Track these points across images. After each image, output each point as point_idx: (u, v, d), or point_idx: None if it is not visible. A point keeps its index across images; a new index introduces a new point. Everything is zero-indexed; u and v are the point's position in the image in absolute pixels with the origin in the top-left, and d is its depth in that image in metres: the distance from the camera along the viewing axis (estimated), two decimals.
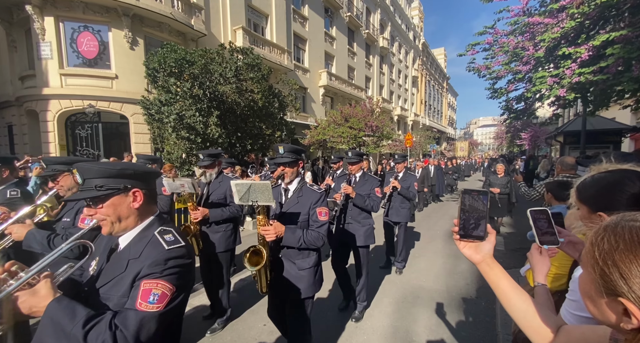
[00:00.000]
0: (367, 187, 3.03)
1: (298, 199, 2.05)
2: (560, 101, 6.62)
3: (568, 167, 3.17)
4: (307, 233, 1.89)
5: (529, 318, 0.77)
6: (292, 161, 2.07)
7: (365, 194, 2.96)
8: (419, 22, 37.40)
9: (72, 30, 8.96)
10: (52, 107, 8.86)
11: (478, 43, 7.04)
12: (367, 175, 3.13)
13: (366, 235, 3.00)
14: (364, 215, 3.03)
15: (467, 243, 0.82)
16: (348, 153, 3.03)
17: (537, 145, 22.71)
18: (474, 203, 0.81)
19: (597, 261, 0.49)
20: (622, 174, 0.93)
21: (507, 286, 0.79)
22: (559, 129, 14.52)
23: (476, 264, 0.83)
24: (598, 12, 5.40)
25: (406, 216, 4.22)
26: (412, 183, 4.16)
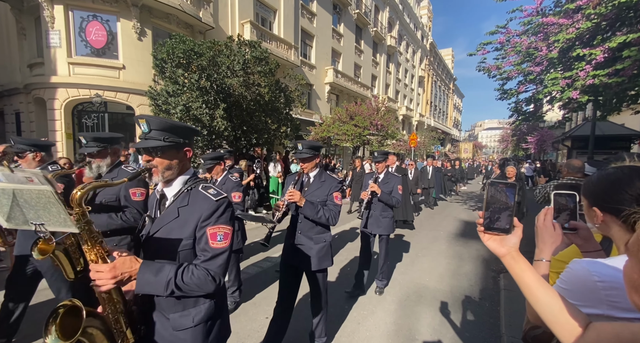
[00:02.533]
0: (323, 191, 2.26)
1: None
2: (571, 104, 6.50)
3: (575, 170, 3.12)
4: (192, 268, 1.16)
5: (555, 313, 0.73)
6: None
7: (320, 200, 2.22)
8: (427, 21, 37.06)
9: (81, 19, 8.96)
10: (60, 95, 8.88)
11: (489, 42, 6.91)
12: (326, 175, 2.33)
13: (320, 255, 2.25)
14: (317, 229, 2.27)
15: (492, 235, 0.80)
16: (298, 145, 2.24)
17: (543, 149, 22.50)
18: (500, 194, 0.79)
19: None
20: (631, 171, 0.89)
21: (533, 280, 0.76)
22: (566, 134, 14.38)
23: (500, 257, 0.80)
24: (615, 13, 5.27)
25: (388, 227, 3.45)
26: (395, 187, 3.38)
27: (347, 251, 5.10)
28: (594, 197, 0.94)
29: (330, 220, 2.17)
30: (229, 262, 1.20)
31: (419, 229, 6.82)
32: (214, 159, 2.96)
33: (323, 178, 2.31)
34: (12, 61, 10.57)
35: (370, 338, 2.68)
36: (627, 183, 0.85)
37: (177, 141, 1.16)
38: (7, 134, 11.14)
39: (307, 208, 2.10)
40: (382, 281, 3.60)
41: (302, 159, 2.24)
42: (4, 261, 4.03)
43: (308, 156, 2.20)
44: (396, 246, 5.43)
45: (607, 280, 0.75)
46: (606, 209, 0.89)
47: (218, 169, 3.00)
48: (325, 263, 2.30)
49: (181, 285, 1.05)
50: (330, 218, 2.17)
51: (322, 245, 2.29)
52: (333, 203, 2.24)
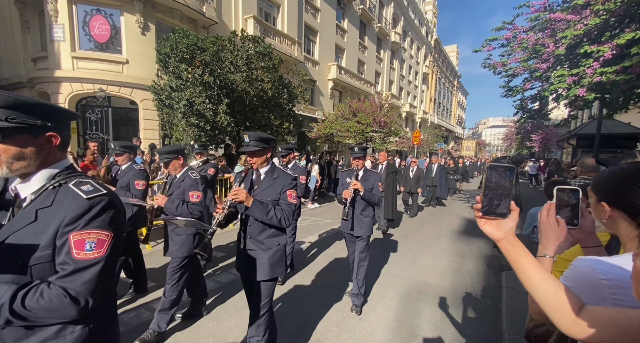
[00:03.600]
0: (275, 189, 2.00)
1: None
2: (578, 102, 6.44)
3: (588, 169, 3.07)
4: None
5: (550, 297, 0.73)
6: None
7: (272, 199, 1.97)
8: (432, 17, 36.64)
9: (85, 13, 8.95)
10: (64, 89, 8.91)
11: (495, 39, 6.84)
12: (279, 171, 2.09)
13: (272, 262, 1.98)
14: (268, 233, 2.01)
15: (488, 220, 0.80)
16: (244, 137, 2.00)
17: (547, 148, 22.32)
18: (499, 179, 0.78)
19: None
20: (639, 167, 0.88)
21: (528, 264, 0.76)
22: (572, 132, 14.25)
23: (497, 241, 0.80)
24: (624, 9, 5.19)
25: (369, 228, 3.14)
26: (375, 184, 3.16)
27: None
28: (603, 192, 0.93)
29: (283, 221, 1.91)
30: (107, 276, 0.93)
31: (421, 226, 6.82)
32: (170, 152, 2.62)
33: (276, 175, 2.06)
34: (16, 54, 10.60)
35: (372, 333, 2.70)
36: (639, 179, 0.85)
37: (30, 122, 0.86)
38: None
39: (255, 209, 1.85)
40: (359, 298, 3.06)
41: (250, 154, 1.98)
42: None
43: (257, 149, 1.95)
44: (398, 243, 5.44)
45: (612, 278, 0.74)
46: (615, 204, 0.88)
47: (176, 164, 2.63)
48: (277, 271, 2.02)
49: (22, 312, 0.79)
50: (282, 219, 1.91)
51: (274, 250, 2.01)
52: (286, 202, 1.99)
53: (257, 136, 1.95)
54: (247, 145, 1.96)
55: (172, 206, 2.46)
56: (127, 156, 3.14)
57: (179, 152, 2.67)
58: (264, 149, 2.00)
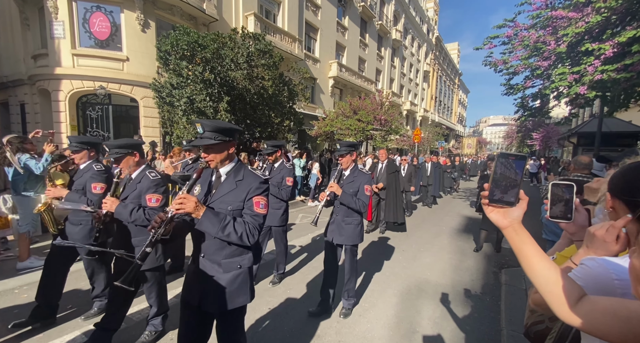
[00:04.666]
0: (238, 195, 1.58)
1: None
2: (578, 100, 6.42)
3: (582, 166, 3.09)
4: None
5: (551, 285, 0.74)
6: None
7: (233, 209, 1.56)
8: (433, 15, 36.44)
9: (85, 10, 8.92)
10: (64, 87, 8.91)
11: (497, 36, 6.82)
12: (246, 171, 1.65)
13: (231, 288, 1.58)
14: (228, 251, 1.59)
15: (495, 207, 0.80)
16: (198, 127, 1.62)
17: (548, 146, 22.29)
18: (508, 167, 0.78)
19: None
20: None
21: (531, 252, 0.77)
22: (572, 130, 14.22)
23: (502, 229, 0.80)
24: (626, 6, 5.16)
25: (353, 236, 2.82)
26: (361, 187, 2.75)
27: None
28: (614, 186, 0.94)
29: (245, 237, 1.49)
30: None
31: (422, 224, 6.84)
32: (122, 147, 2.18)
33: (240, 176, 1.61)
34: (16, 51, 10.59)
35: (372, 330, 2.72)
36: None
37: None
38: (12, 125, 11.23)
39: (207, 222, 1.43)
40: (349, 301, 2.94)
41: (205, 148, 1.55)
42: (11, 250, 4.12)
43: (213, 142, 1.51)
44: (398, 241, 5.46)
45: (624, 278, 0.75)
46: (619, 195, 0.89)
47: (130, 161, 2.22)
48: (237, 301, 1.59)
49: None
50: (244, 235, 1.48)
51: (234, 274, 1.58)
52: (252, 213, 1.56)
53: (213, 126, 1.52)
54: (200, 137, 1.54)
55: (124, 211, 2.07)
56: (85, 153, 2.61)
57: (134, 147, 2.24)
58: (225, 143, 1.56)
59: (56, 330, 2.52)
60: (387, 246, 5.13)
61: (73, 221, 2.58)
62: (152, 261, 2.26)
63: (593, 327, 0.66)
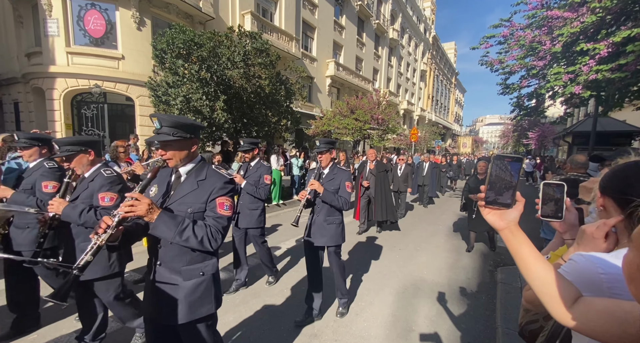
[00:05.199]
0: (199, 196, 1.45)
1: None
2: (573, 99, 6.48)
3: (578, 165, 3.13)
4: None
5: (547, 286, 0.74)
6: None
7: (193, 211, 1.43)
8: (430, 14, 36.52)
9: (80, 7, 8.83)
10: (58, 85, 8.81)
11: (493, 36, 6.85)
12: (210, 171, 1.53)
13: (192, 298, 1.44)
14: (189, 257, 1.45)
15: (492, 209, 0.80)
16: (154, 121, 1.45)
17: (544, 145, 22.48)
18: (504, 169, 0.78)
19: None
20: None
21: (528, 253, 0.77)
22: (567, 130, 14.34)
23: (499, 230, 0.81)
24: (620, 6, 5.21)
25: (336, 236, 2.74)
26: (342, 184, 2.70)
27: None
28: (604, 184, 0.95)
29: (207, 241, 1.36)
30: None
31: (418, 223, 6.86)
32: (74, 144, 1.96)
33: (203, 176, 1.49)
34: (9, 49, 10.45)
35: (368, 328, 2.73)
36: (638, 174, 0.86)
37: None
38: (6, 124, 11.09)
39: (163, 226, 1.30)
40: (343, 299, 2.92)
41: (162, 145, 1.42)
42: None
43: (172, 139, 1.38)
44: (395, 240, 5.48)
45: (610, 272, 0.76)
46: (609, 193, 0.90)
47: (83, 160, 1.99)
48: (202, 309, 1.46)
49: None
50: (205, 240, 1.35)
51: (195, 282, 1.45)
52: (215, 215, 1.43)
53: (172, 121, 1.38)
54: (157, 132, 1.40)
55: (73, 212, 1.84)
56: (36, 150, 2.35)
57: (88, 144, 2.01)
58: (185, 140, 1.44)
59: (50, 329, 2.50)
60: (384, 245, 5.15)
61: (18, 224, 2.33)
62: (104, 268, 1.97)
63: (589, 328, 0.66)
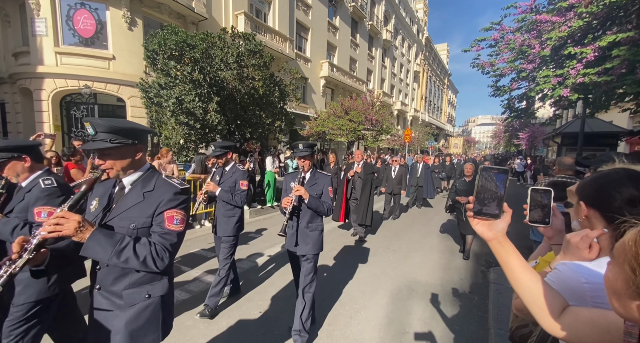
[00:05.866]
0: (144, 209, 1.28)
1: None
2: (562, 102, 6.63)
3: (565, 167, 3.21)
4: None
5: (535, 296, 0.76)
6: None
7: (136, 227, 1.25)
8: (423, 16, 36.88)
9: (69, 7, 8.66)
10: (47, 86, 8.63)
11: (484, 39, 6.96)
12: (160, 180, 1.35)
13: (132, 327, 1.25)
14: (130, 280, 1.27)
15: (481, 220, 0.82)
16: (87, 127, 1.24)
17: (534, 145, 22.90)
18: (491, 180, 0.80)
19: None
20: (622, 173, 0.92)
21: (516, 264, 0.79)
22: (557, 130, 14.63)
23: (488, 241, 0.82)
24: (606, 12, 5.35)
25: (318, 243, 2.58)
26: (325, 189, 2.60)
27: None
28: (585, 194, 0.98)
29: (150, 261, 1.16)
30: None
31: (412, 224, 6.92)
32: (5, 150, 1.71)
33: (150, 186, 1.30)
34: None
35: (362, 331, 2.75)
36: (620, 183, 0.88)
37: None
38: None
39: (96, 247, 1.10)
40: (303, 337, 2.45)
41: (100, 154, 1.23)
42: None
43: (109, 146, 1.19)
44: (389, 241, 5.52)
45: (593, 282, 0.78)
46: (593, 205, 0.93)
47: (17, 167, 1.76)
48: (146, 339, 1.27)
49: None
50: (149, 259, 1.16)
51: (141, 305, 1.26)
52: (162, 230, 1.23)
53: (108, 126, 1.18)
54: (92, 139, 1.20)
55: (4, 228, 1.66)
56: None
57: (23, 149, 1.75)
58: (127, 147, 1.24)
59: None
60: (378, 246, 5.18)
61: None
62: (40, 291, 1.67)
63: (575, 338, 0.68)
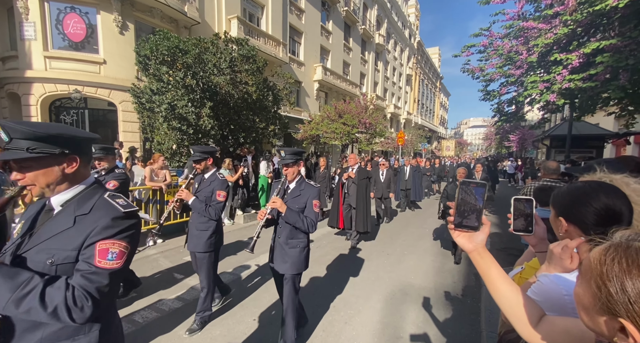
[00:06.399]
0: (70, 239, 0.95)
1: None
2: (549, 106, 6.80)
3: (550, 171, 3.32)
4: None
5: (514, 306, 0.79)
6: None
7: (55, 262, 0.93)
8: (415, 20, 37.43)
9: (58, 11, 8.56)
10: (35, 90, 8.48)
11: (473, 45, 7.11)
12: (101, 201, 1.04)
13: None
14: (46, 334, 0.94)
15: (462, 232, 0.84)
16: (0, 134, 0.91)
17: (524, 147, 23.35)
18: (470, 194, 0.83)
19: (605, 282, 0.48)
20: (596, 187, 0.95)
21: (496, 275, 0.81)
22: (545, 133, 14.96)
23: (468, 253, 0.84)
24: (590, 19, 5.52)
25: (298, 262, 2.36)
26: (309, 202, 2.34)
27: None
28: (562, 208, 1.01)
29: (64, 312, 0.86)
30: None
31: (406, 227, 6.97)
32: None
33: (86, 209, 1.01)
34: None
35: (357, 337, 2.76)
36: (593, 197, 0.92)
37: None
38: None
39: None
40: None
41: (17, 166, 0.96)
42: None
43: (28, 156, 0.92)
44: (383, 244, 5.55)
45: (572, 293, 0.81)
46: (571, 220, 0.97)
47: None
48: None
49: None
50: (62, 310, 0.86)
51: None
52: (89, 269, 0.93)
53: (27, 131, 0.91)
54: (5, 147, 0.92)
55: None
56: None
57: None
58: (53, 157, 0.97)
59: None
60: (372, 250, 5.21)
61: None
62: None
63: None
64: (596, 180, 1.06)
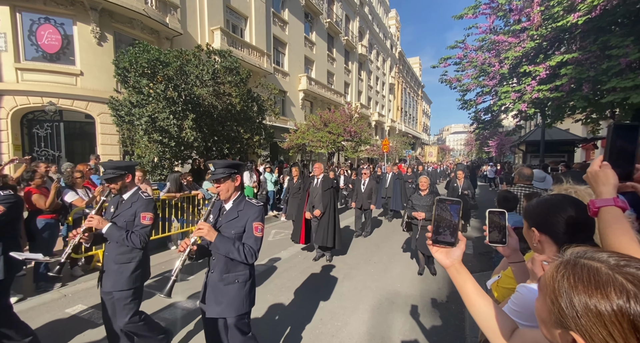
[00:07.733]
0: None
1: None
2: (522, 114, 7.18)
3: (524, 178, 3.56)
4: None
5: (488, 321, 0.82)
6: None
7: None
8: (395, 31, 38.78)
9: (31, 21, 8.30)
10: (6, 103, 8.10)
11: (450, 57, 7.45)
12: None
13: None
14: None
15: (439, 248, 0.88)
16: None
17: (502, 152, 24.32)
18: (446, 210, 0.87)
19: (557, 297, 0.51)
20: (561, 199, 1.04)
21: (472, 290, 0.84)
22: (521, 139, 15.68)
23: (445, 268, 0.87)
24: (554, 34, 5.93)
25: (237, 301, 1.89)
26: (249, 225, 1.90)
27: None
28: (533, 219, 1.08)
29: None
30: None
31: (392, 235, 7.03)
32: None
33: None
34: None
35: None
36: (560, 208, 1.00)
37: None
38: None
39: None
40: None
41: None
42: None
43: None
44: (370, 253, 5.57)
45: None
46: (543, 230, 1.03)
47: None
48: None
49: None
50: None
51: None
52: None
53: None
54: None
55: None
56: None
57: None
58: None
59: None
60: (359, 258, 5.22)
61: None
62: None
63: None
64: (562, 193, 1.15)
